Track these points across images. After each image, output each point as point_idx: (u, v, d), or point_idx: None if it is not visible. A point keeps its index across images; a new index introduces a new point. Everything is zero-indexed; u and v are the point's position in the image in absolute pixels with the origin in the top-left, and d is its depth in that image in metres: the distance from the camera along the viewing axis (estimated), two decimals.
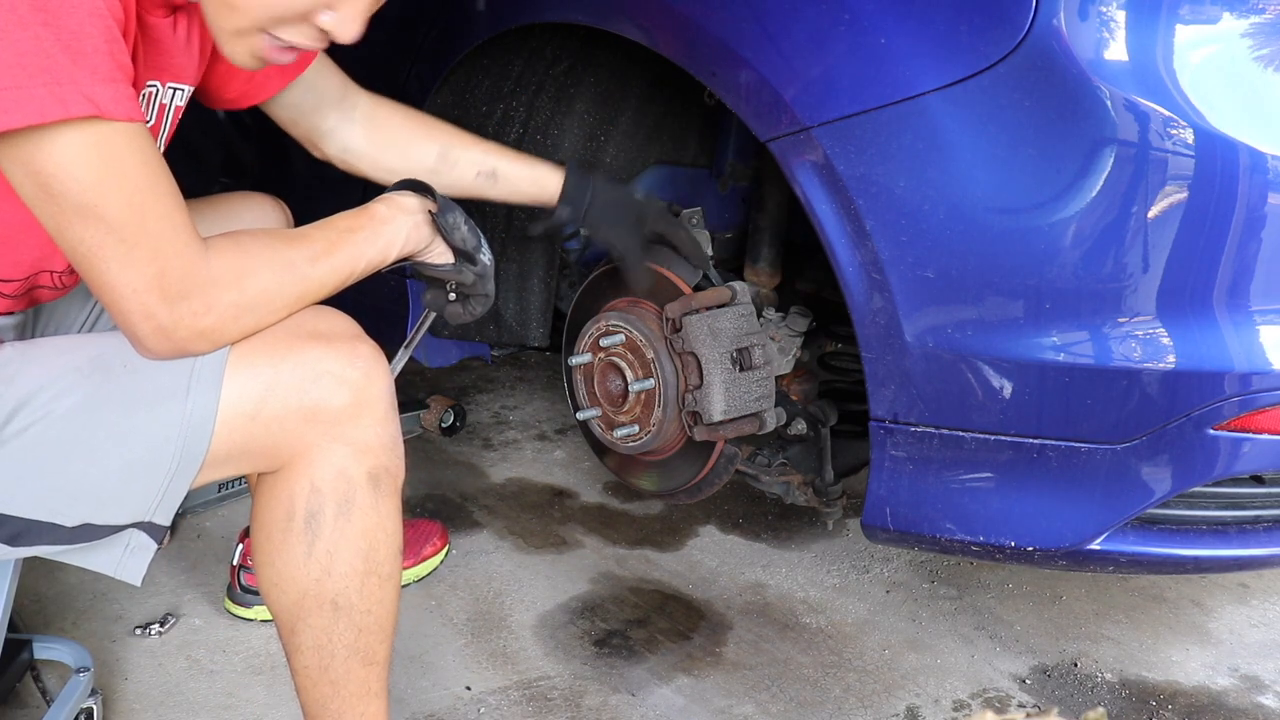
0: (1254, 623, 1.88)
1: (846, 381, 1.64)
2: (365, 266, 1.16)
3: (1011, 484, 1.25)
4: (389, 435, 1.10)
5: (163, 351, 1.00)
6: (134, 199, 0.93)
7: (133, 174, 0.93)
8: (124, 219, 0.93)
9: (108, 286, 0.95)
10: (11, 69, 0.85)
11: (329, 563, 1.09)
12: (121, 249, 0.93)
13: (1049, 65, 1.10)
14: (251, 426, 1.03)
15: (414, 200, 1.22)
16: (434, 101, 1.69)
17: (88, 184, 0.91)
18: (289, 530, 1.08)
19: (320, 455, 1.06)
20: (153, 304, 0.96)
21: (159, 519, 1.05)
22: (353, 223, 1.16)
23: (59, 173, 0.89)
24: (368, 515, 1.09)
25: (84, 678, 1.41)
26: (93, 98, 0.88)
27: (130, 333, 0.99)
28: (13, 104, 0.85)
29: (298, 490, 1.07)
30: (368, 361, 1.07)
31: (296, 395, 1.04)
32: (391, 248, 1.18)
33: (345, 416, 1.06)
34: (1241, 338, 1.16)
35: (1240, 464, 1.21)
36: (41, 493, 1.00)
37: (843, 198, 1.20)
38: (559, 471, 2.29)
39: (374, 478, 1.09)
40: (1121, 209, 1.12)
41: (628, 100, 1.74)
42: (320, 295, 1.11)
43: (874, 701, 1.61)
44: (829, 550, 2.02)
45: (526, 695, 1.58)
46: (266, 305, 1.04)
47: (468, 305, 1.32)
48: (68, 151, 0.89)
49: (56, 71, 0.86)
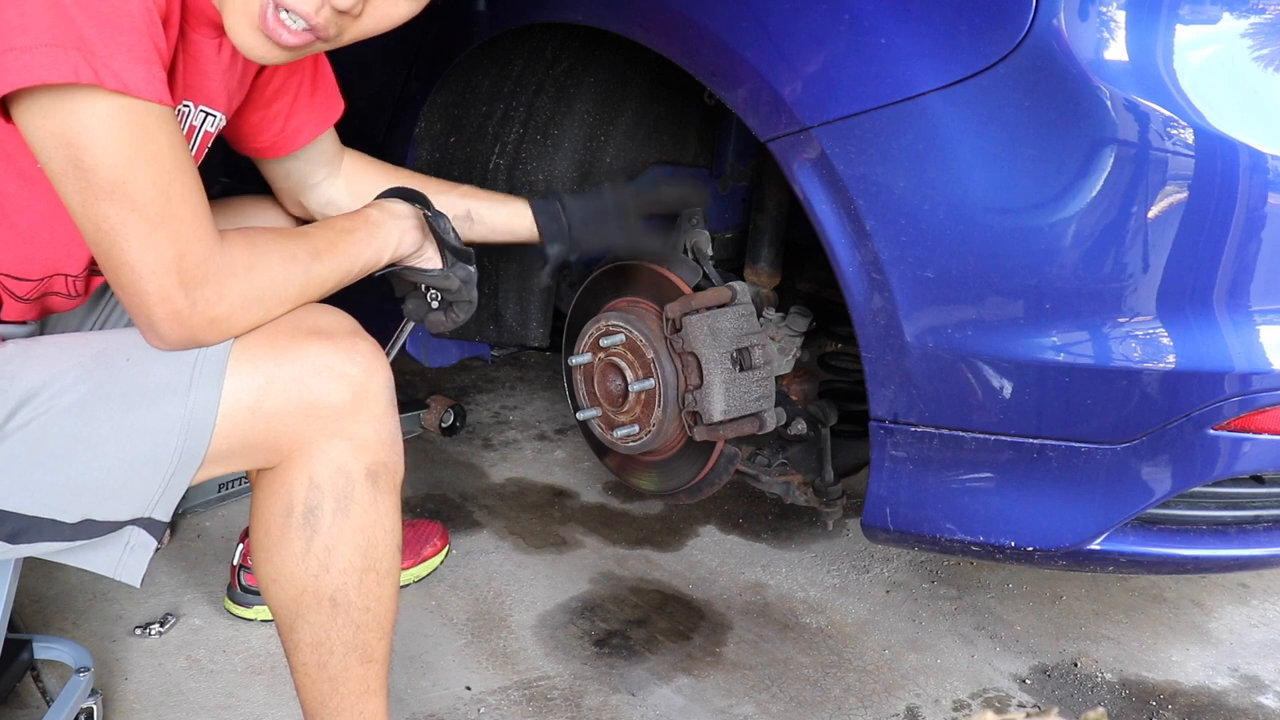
0: (1254, 623, 1.88)
1: (846, 381, 1.63)
2: (361, 267, 1.17)
3: (1011, 484, 1.25)
4: (388, 432, 1.11)
5: (175, 338, 1.00)
6: (160, 180, 0.94)
7: (162, 155, 0.94)
8: (150, 199, 0.94)
9: (127, 267, 0.96)
10: (50, 30, 0.86)
11: (327, 559, 1.09)
12: (145, 229, 0.94)
13: (1049, 65, 1.10)
14: (252, 421, 1.04)
15: (405, 206, 1.24)
16: (434, 101, 1.69)
17: (118, 160, 0.92)
18: (287, 526, 1.08)
19: (319, 451, 1.07)
20: (170, 287, 0.97)
21: (159, 515, 1.05)
22: (349, 224, 1.18)
23: (91, 145, 0.90)
24: (366, 511, 1.09)
25: (84, 678, 1.41)
26: (123, 74, 0.89)
27: (145, 317, 0.99)
28: (49, 61, 0.86)
29: (296, 485, 1.08)
30: (367, 358, 1.08)
31: (297, 390, 1.04)
32: (385, 250, 1.19)
33: (345, 412, 1.06)
34: (1241, 338, 1.16)
35: (1240, 464, 1.21)
36: (43, 489, 1.00)
37: (843, 198, 1.20)
38: (559, 471, 2.29)
39: (373, 474, 1.09)
40: (1121, 209, 1.12)
41: (628, 100, 1.74)
42: (321, 293, 1.12)
43: (874, 701, 1.61)
44: (829, 550, 2.02)
45: (526, 695, 1.58)
46: (273, 297, 1.05)
47: (450, 312, 1.32)
48: (101, 125, 0.90)
49: (92, 42, 0.87)
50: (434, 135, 1.73)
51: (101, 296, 1.29)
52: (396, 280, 1.31)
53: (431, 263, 1.26)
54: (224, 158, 2.04)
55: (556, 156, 1.72)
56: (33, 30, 0.86)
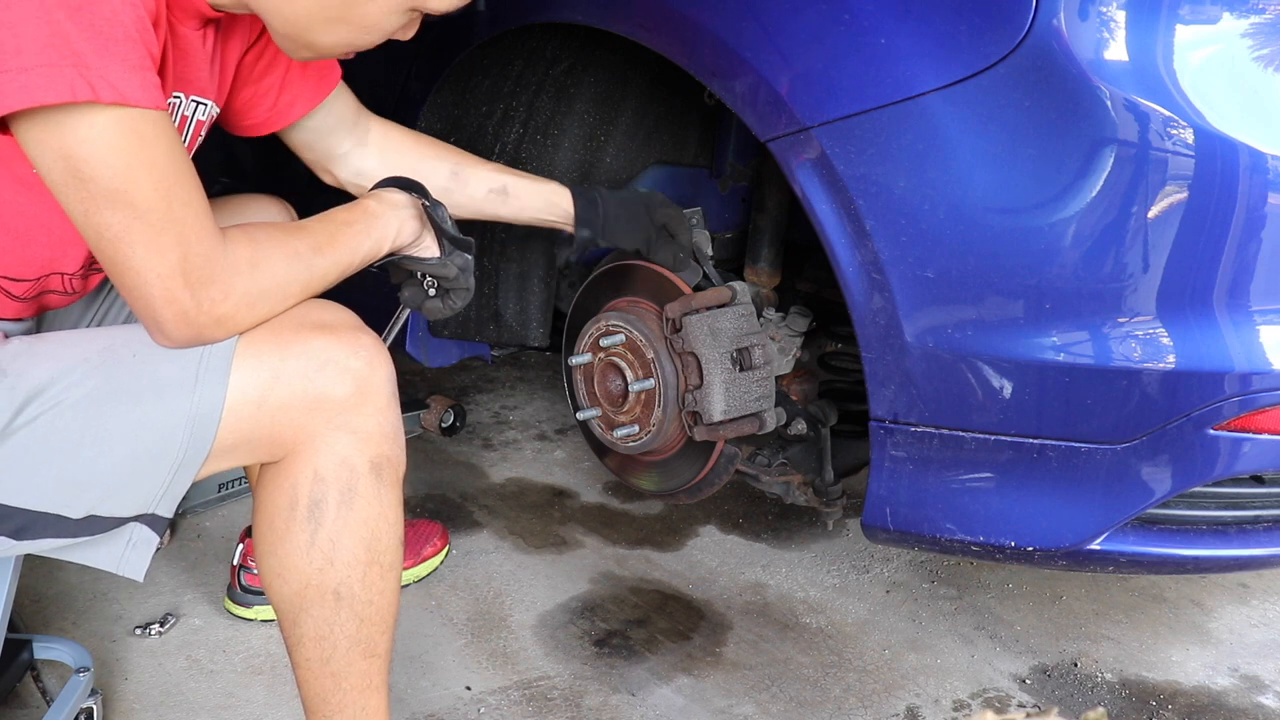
0: (1254, 623, 1.88)
1: (846, 381, 1.64)
2: (361, 259, 1.17)
3: (1011, 484, 1.25)
4: (391, 425, 1.11)
5: (182, 338, 1.01)
6: (161, 184, 0.95)
7: (160, 160, 0.94)
8: (151, 204, 0.94)
9: (132, 272, 0.97)
10: (44, 49, 0.86)
11: (331, 551, 1.09)
12: (148, 234, 0.95)
13: (1049, 65, 1.10)
14: (258, 415, 1.04)
15: (402, 196, 1.24)
16: (434, 101, 1.70)
17: (118, 169, 0.92)
18: (292, 519, 1.09)
19: (324, 444, 1.07)
20: (176, 289, 0.97)
21: (162, 511, 1.05)
22: (348, 216, 1.18)
23: (91, 157, 0.91)
24: (370, 504, 1.10)
25: (84, 678, 1.41)
26: (119, 85, 0.89)
27: (152, 319, 1.00)
28: (45, 81, 0.87)
29: (301, 478, 1.08)
30: (370, 351, 1.09)
31: (301, 384, 1.05)
32: (384, 240, 1.20)
33: (349, 405, 1.07)
34: (1241, 338, 1.16)
35: (1240, 464, 1.21)
36: (48, 484, 1.01)
37: (843, 198, 1.20)
38: (559, 471, 2.29)
39: (376, 466, 1.10)
40: (1121, 209, 1.12)
41: (628, 100, 1.74)
42: (323, 286, 1.13)
43: (874, 701, 1.61)
44: (829, 550, 2.02)
45: (526, 695, 1.58)
46: (277, 293, 1.06)
47: (447, 299, 1.32)
48: (100, 137, 0.91)
49: (87, 55, 0.88)
50: (434, 135, 1.73)
51: (99, 292, 1.29)
52: (393, 268, 1.31)
53: (430, 251, 1.26)
54: (224, 158, 2.05)
55: (556, 156, 1.72)
56: (27, 50, 0.86)
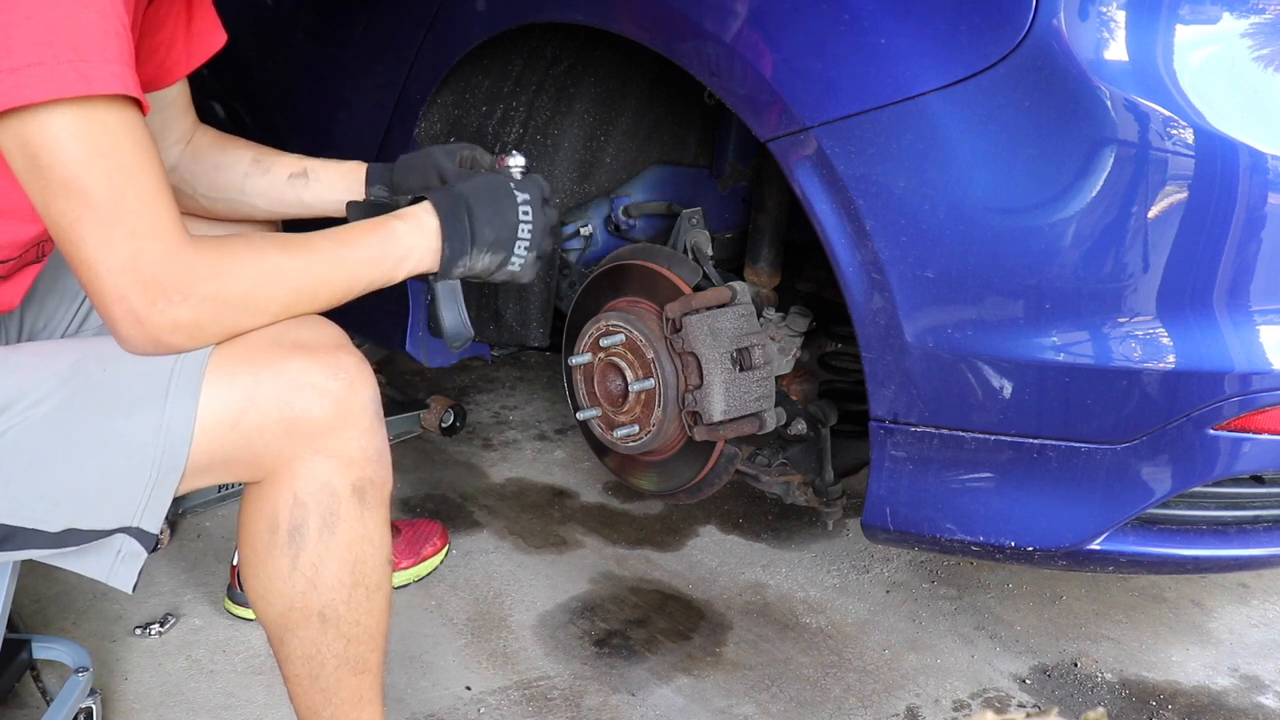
0: (1254, 623, 1.88)
1: (846, 381, 1.63)
2: (365, 286, 1.13)
3: (1011, 484, 1.25)
4: (374, 447, 1.08)
5: (138, 341, 0.98)
6: (116, 177, 0.93)
7: (121, 151, 0.93)
8: (105, 195, 0.92)
9: (85, 264, 0.95)
10: (16, 49, 0.86)
11: (314, 576, 1.07)
12: (99, 226, 0.93)
13: (1049, 65, 1.10)
14: (232, 436, 1.02)
15: (435, 222, 1.16)
16: (434, 101, 1.69)
17: (73, 157, 0.91)
18: (273, 543, 1.07)
19: (303, 468, 1.05)
20: (126, 286, 0.95)
21: (147, 525, 1.03)
22: (361, 237, 1.12)
23: (49, 143, 0.90)
24: (353, 528, 1.08)
25: (83, 678, 1.41)
26: (90, 76, 0.88)
27: (107, 317, 0.98)
28: (23, 84, 0.86)
29: (281, 503, 1.06)
30: (350, 372, 1.05)
31: (277, 407, 1.02)
32: (400, 268, 1.14)
33: (328, 429, 1.04)
34: (1241, 338, 1.16)
35: (1240, 464, 1.21)
36: (22, 499, 0.99)
37: (843, 198, 1.20)
38: (559, 471, 2.29)
39: (359, 490, 1.07)
40: (1121, 209, 1.12)
41: (628, 100, 1.74)
42: (314, 307, 1.09)
43: (874, 701, 1.61)
44: (829, 550, 2.02)
45: (526, 695, 1.58)
46: (249, 306, 1.02)
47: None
48: (58, 125, 0.90)
49: (58, 48, 0.87)
50: (434, 135, 1.73)
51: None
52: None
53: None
54: None
55: (556, 156, 1.72)
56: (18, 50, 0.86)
